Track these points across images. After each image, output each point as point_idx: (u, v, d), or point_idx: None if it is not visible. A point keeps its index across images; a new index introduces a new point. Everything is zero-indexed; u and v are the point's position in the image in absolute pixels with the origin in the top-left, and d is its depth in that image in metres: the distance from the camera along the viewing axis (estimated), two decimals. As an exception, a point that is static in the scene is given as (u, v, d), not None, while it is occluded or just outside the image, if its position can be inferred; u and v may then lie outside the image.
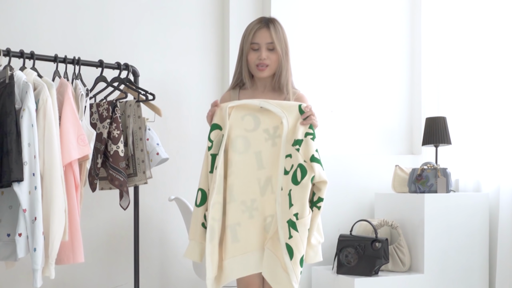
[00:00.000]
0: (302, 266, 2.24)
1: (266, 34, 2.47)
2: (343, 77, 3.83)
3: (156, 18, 3.42)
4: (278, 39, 2.47)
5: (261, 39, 2.48)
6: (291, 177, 2.28)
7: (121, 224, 3.31)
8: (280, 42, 2.48)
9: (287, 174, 2.30)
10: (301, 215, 2.25)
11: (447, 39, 3.86)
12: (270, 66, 2.49)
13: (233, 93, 2.59)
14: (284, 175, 2.31)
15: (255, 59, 2.48)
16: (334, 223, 3.67)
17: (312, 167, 2.27)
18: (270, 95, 2.55)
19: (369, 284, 3.15)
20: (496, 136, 3.46)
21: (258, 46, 2.48)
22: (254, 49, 2.49)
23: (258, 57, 2.47)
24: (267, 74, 2.51)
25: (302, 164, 2.27)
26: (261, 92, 2.56)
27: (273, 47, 2.47)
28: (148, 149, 3.00)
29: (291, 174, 2.29)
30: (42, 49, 2.91)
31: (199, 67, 3.53)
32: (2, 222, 2.45)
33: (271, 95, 2.56)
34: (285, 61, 2.50)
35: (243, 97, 2.55)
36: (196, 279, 3.41)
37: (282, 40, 2.50)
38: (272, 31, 2.47)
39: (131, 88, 3.02)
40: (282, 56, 2.49)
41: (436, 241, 3.30)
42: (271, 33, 2.47)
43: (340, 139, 3.81)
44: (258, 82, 2.58)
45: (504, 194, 3.29)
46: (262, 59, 2.47)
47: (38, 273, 2.33)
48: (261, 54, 2.47)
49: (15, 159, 2.28)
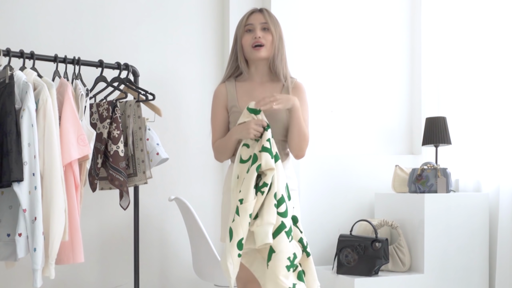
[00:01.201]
0: (240, 249, 2.25)
1: (260, 16, 2.50)
2: (343, 77, 3.83)
3: (156, 18, 3.42)
4: (272, 21, 2.49)
5: (255, 20, 2.49)
6: (246, 166, 2.32)
7: (121, 224, 3.31)
8: (274, 25, 2.50)
9: (243, 162, 2.34)
10: (245, 200, 2.26)
11: (447, 39, 3.86)
12: (265, 46, 2.47)
13: (229, 85, 2.53)
14: (239, 163, 2.34)
15: (250, 39, 2.47)
16: (334, 223, 3.67)
17: (261, 156, 2.29)
18: (269, 86, 2.52)
19: (369, 284, 3.15)
20: (496, 136, 3.46)
21: (252, 27, 2.48)
22: (249, 31, 2.49)
23: (253, 36, 2.47)
24: (263, 54, 2.47)
25: (255, 153, 2.31)
26: (258, 84, 2.52)
27: (267, 27, 2.48)
28: (148, 149, 3.00)
29: (247, 163, 2.32)
30: (42, 49, 2.90)
31: (199, 67, 3.53)
32: (2, 222, 2.45)
33: (269, 85, 2.53)
34: (280, 45, 2.50)
35: (241, 90, 2.51)
36: (196, 279, 3.41)
37: (276, 23, 2.51)
38: (265, 14, 2.50)
39: (131, 88, 3.02)
40: (277, 39, 2.49)
41: (436, 241, 3.30)
42: (264, 15, 2.50)
43: (340, 139, 3.81)
44: (254, 72, 2.53)
45: (504, 194, 3.29)
46: (257, 37, 2.46)
47: (38, 273, 2.33)
48: (256, 33, 2.46)
49: (15, 159, 2.28)
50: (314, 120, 3.37)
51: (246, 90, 2.51)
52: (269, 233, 2.23)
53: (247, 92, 2.50)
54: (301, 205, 3.51)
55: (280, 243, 2.24)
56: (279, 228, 2.25)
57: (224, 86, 2.54)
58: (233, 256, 2.24)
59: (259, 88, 2.51)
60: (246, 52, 2.49)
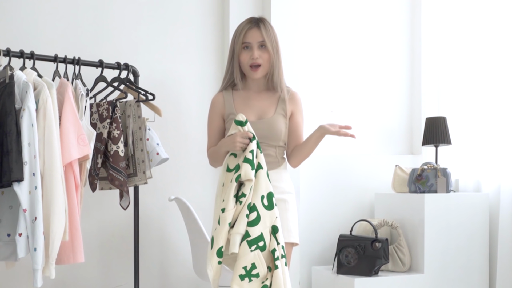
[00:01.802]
0: (220, 256, 2.30)
1: (257, 33, 2.53)
2: (343, 77, 3.84)
3: (156, 18, 3.42)
4: (268, 38, 2.53)
5: (252, 38, 2.53)
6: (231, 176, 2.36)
7: (121, 224, 3.31)
8: (271, 41, 2.54)
9: (229, 171, 2.38)
10: (226, 209, 2.31)
11: (447, 39, 3.86)
12: (263, 65, 2.54)
13: (226, 94, 2.62)
14: (226, 171, 2.38)
15: (248, 59, 2.53)
16: (334, 223, 3.67)
17: (241, 167, 2.33)
18: (264, 95, 2.61)
19: (369, 284, 3.15)
20: (496, 136, 3.46)
21: (249, 45, 2.53)
22: (246, 47, 2.54)
23: (251, 56, 2.52)
24: (260, 75, 2.56)
25: (239, 164, 2.35)
26: (255, 92, 2.61)
27: (264, 44, 2.52)
28: (148, 149, 3.00)
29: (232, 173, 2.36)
30: (42, 49, 2.90)
31: (199, 67, 3.53)
32: (2, 222, 2.45)
33: (265, 94, 2.62)
34: (277, 60, 2.56)
35: (237, 98, 2.60)
36: (196, 279, 3.41)
37: (273, 38, 2.55)
38: (262, 30, 2.53)
39: (131, 88, 3.02)
40: (274, 54, 2.54)
41: (436, 241, 3.30)
42: (261, 32, 2.53)
43: (340, 139, 3.80)
44: (251, 83, 2.62)
45: (504, 194, 3.29)
46: (255, 58, 2.51)
47: (39, 273, 2.33)
48: (253, 53, 2.52)
49: (15, 159, 2.28)
50: (314, 120, 3.37)
51: (243, 98, 2.60)
52: (236, 242, 2.28)
53: (244, 100, 2.60)
54: (301, 205, 3.52)
55: (240, 252, 2.29)
56: (243, 237, 2.29)
57: (221, 95, 2.63)
58: (213, 264, 2.32)
59: (256, 97, 2.61)
60: (244, 69, 2.58)
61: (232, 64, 2.59)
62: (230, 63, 2.60)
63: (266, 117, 2.56)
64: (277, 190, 2.50)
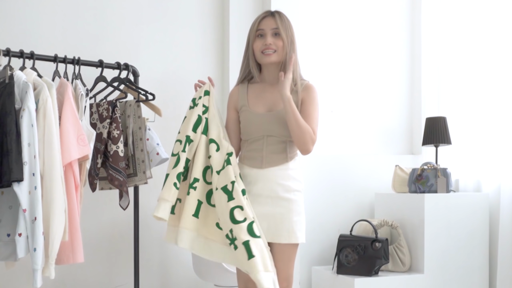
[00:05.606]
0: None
1: (271, 21, 2.50)
2: (343, 77, 3.84)
3: (156, 18, 3.42)
4: (283, 26, 2.49)
5: (266, 25, 2.50)
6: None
7: (121, 224, 3.31)
8: (286, 30, 2.50)
9: (191, 108, 2.61)
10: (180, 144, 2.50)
11: (447, 39, 3.86)
12: (277, 52, 2.49)
13: (241, 87, 2.61)
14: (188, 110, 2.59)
15: (261, 45, 2.49)
16: (334, 223, 3.67)
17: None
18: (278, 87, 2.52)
19: (369, 284, 3.15)
20: (497, 136, 3.46)
21: (263, 32, 2.50)
22: (260, 36, 2.51)
23: (264, 42, 2.49)
24: (274, 59, 2.49)
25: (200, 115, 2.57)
26: (269, 85, 2.56)
27: (278, 32, 2.48)
28: (148, 149, 3.00)
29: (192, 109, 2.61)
30: (42, 49, 2.90)
31: (199, 67, 3.53)
32: (2, 222, 2.45)
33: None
34: (292, 50, 2.50)
35: (252, 91, 2.57)
36: (196, 279, 3.41)
37: (288, 28, 2.51)
38: (277, 18, 2.50)
39: (131, 88, 3.02)
40: (288, 44, 2.49)
41: (436, 241, 3.30)
42: (276, 20, 2.50)
43: (340, 139, 3.81)
44: (266, 75, 2.57)
45: (504, 194, 3.29)
46: (268, 44, 2.48)
47: (38, 273, 2.33)
48: (266, 40, 2.48)
49: (15, 159, 2.28)
50: (314, 120, 3.37)
51: (256, 91, 2.58)
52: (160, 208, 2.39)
53: (257, 93, 2.57)
54: (301, 205, 3.51)
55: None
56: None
57: (237, 88, 2.63)
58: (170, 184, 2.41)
59: (270, 89, 2.56)
60: (257, 57, 2.53)
61: (247, 55, 2.56)
62: (246, 54, 2.57)
63: (275, 109, 2.51)
64: (281, 189, 2.48)
